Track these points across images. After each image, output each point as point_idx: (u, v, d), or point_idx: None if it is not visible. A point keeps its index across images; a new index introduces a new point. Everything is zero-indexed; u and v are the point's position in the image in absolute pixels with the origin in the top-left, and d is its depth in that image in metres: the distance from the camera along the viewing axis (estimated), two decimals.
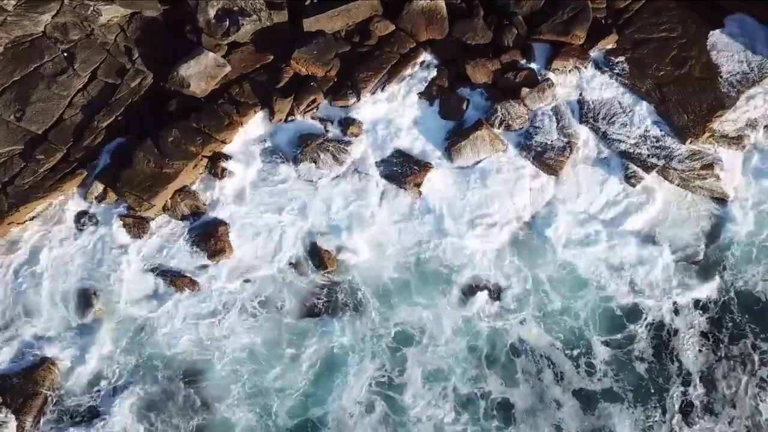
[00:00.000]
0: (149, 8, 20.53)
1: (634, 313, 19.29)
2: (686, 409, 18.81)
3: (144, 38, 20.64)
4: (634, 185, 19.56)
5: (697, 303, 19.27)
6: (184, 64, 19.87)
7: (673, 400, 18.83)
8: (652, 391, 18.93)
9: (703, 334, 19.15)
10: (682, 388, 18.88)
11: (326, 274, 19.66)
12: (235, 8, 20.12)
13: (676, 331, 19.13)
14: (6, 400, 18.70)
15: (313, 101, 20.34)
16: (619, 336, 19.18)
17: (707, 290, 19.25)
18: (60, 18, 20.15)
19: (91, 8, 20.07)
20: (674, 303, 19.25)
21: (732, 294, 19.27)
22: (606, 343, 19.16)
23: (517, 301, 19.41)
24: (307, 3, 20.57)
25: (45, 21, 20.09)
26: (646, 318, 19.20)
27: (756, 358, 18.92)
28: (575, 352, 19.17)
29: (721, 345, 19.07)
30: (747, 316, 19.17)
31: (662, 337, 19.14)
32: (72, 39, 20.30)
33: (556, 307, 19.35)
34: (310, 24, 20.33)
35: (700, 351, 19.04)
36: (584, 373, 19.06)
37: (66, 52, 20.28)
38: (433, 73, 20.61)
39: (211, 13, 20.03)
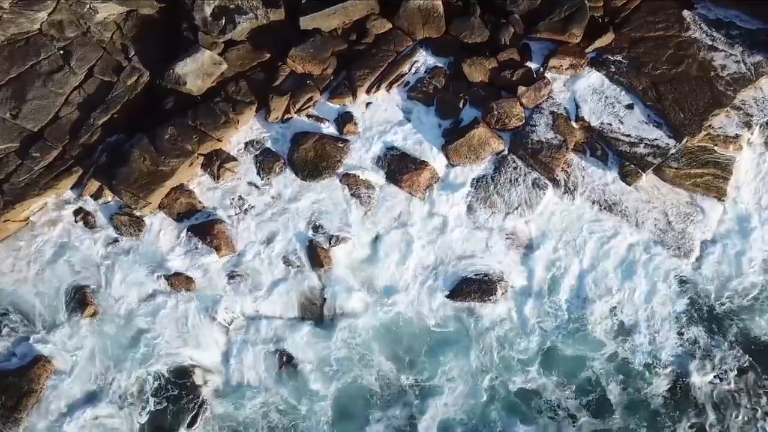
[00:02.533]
0: (146, 6, 20.52)
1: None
2: None
3: (140, 36, 20.62)
4: (630, 184, 19.58)
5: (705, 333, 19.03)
6: (180, 61, 19.85)
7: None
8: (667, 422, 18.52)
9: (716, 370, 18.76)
10: (694, 420, 18.50)
11: (322, 273, 19.63)
12: (232, 6, 20.11)
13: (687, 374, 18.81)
14: (1, 398, 18.61)
15: (310, 99, 20.32)
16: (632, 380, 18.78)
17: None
18: (56, 16, 20.12)
19: (88, 6, 20.06)
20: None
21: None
22: (623, 388, 18.76)
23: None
24: (303, 1, 20.56)
25: (41, 18, 20.06)
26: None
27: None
28: (589, 397, 18.73)
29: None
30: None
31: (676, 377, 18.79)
32: (68, 37, 20.27)
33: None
34: (307, 22, 20.33)
35: (711, 384, 18.63)
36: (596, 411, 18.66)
37: (62, 49, 20.24)
38: (430, 71, 20.60)
39: (208, 10, 20.01)
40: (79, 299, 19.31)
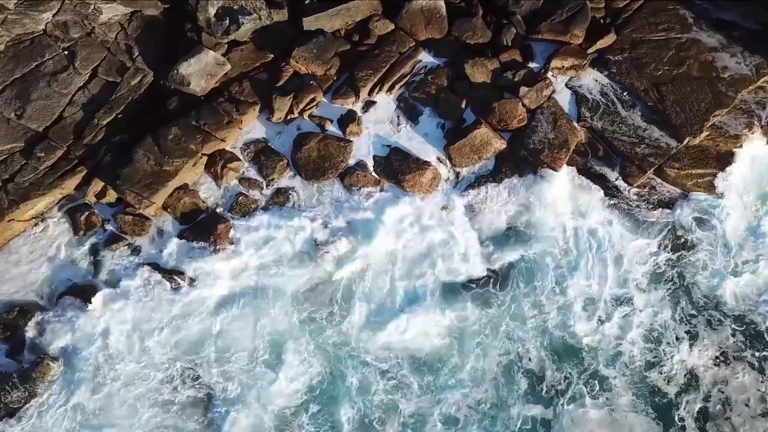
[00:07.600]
0: (150, 7, 20.60)
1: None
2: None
3: (144, 36, 20.70)
4: (631, 184, 19.67)
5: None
6: (184, 62, 19.93)
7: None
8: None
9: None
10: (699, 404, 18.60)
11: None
12: (236, 7, 20.19)
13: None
14: (6, 398, 18.69)
15: (313, 100, 20.40)
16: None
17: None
18: (61, 16, 20.20)
19: (92, 6, 20.13)
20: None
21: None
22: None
23: None
24: (306, 2, 20.64)
25: (46, 19, 20.14)
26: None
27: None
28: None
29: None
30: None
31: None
32: (72, 37, 20.34)
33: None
34: (309, 23, 20.41)
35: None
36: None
37: (66, 50, 20.31)
38: (432, 72, 20.69)
39: (212, 11, 20.10)
40: (84, 299, 19.36)
